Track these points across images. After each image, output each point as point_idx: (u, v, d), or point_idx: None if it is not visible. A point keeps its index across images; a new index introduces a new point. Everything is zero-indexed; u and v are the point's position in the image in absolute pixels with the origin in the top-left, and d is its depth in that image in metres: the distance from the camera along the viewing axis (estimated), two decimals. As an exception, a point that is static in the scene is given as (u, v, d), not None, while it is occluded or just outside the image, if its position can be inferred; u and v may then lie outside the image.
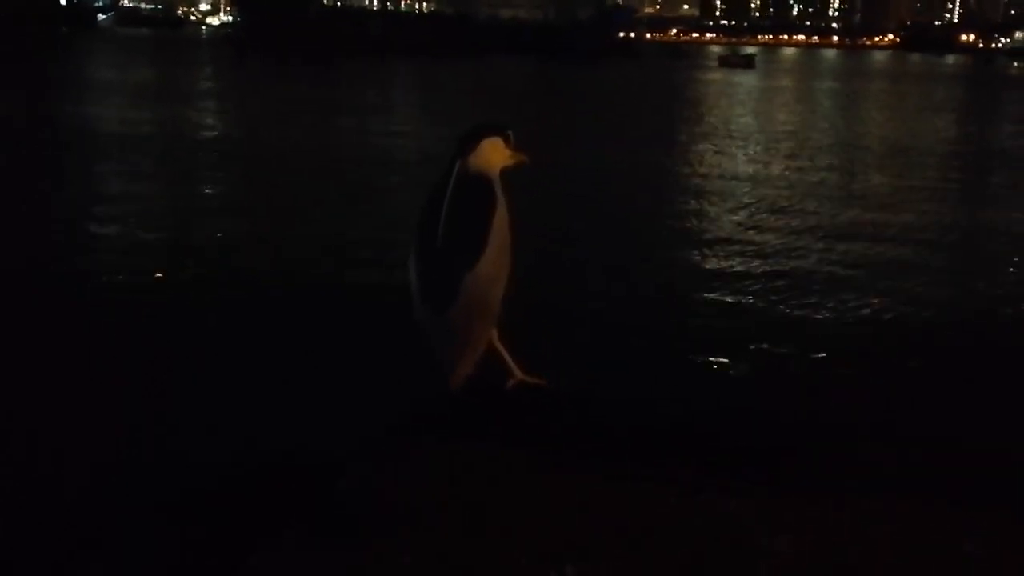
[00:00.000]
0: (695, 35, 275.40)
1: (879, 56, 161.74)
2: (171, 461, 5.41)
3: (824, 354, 8.37)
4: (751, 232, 13.39)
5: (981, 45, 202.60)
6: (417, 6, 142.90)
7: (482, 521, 2.00)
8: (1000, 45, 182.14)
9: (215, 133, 24.68)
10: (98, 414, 6.41)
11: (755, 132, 28.83)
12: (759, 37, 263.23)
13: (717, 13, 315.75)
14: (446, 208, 2.43)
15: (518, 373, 2.61)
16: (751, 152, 23.50)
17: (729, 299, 9.98)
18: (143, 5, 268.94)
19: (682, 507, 2.05)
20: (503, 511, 2.03)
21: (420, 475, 2.20)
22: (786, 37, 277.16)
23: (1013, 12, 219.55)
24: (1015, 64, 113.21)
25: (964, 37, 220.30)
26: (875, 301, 10.05)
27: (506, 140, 2.57)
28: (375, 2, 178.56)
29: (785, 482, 2.18)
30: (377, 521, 2.00)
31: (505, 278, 2.50)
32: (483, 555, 1.88)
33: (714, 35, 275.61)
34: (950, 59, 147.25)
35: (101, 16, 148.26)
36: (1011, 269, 11.84)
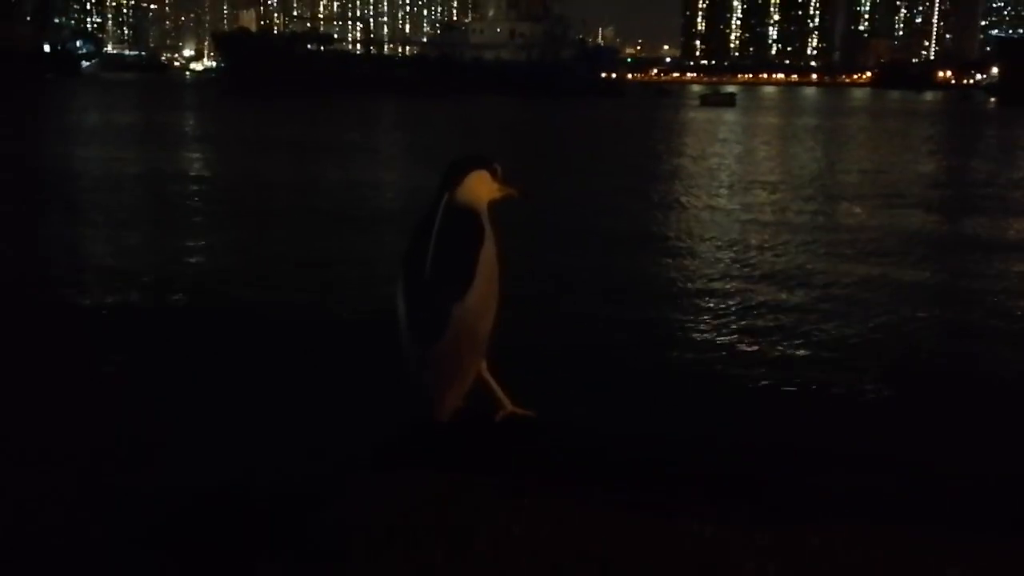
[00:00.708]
0: (676, 75, 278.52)
1: (858, 93, 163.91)
2: (155, 491, 5.37)
3: (802, 383, 8.39)
4: (736, 266, 13.46)
5: (954, 81, 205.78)
6: (401, 49, 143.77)
7: (469, 545, 1.98)
8: (976, 81, 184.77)
9: (200, 175, 24.69)
10: (81, 443, 6.38)
11: (739, 167, 29.06)
12: (739, 76, 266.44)
13: (697, 53, 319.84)
14: (434, 241, 2.41)
15: (508, 405, 2.59)
16: (735, 187, 23.66)
17: (712, 331, 10.00)
18: (127, 51, 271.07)
19: (664, 532, 2.03)
20: (489, 536, 2.01)
21: (405, 501, 2.17)
22: (766, 76, 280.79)
23: (988, 49, 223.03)
24: (991, 100, 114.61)
25: (941, 74, 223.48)
26: (854, 333, 10.09)
27: (493, 173, 2.56)
28: (359, 46, 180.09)
29: (764, 507, 2.16)
30: (362, 546, 1.98)
31: (493, 310, 2.48)
32: (471, 576, 1.89)
33: (695, 75, 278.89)
34: (928, 95, 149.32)
35: (85, 62, 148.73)
36: (994, 299, 11.92)
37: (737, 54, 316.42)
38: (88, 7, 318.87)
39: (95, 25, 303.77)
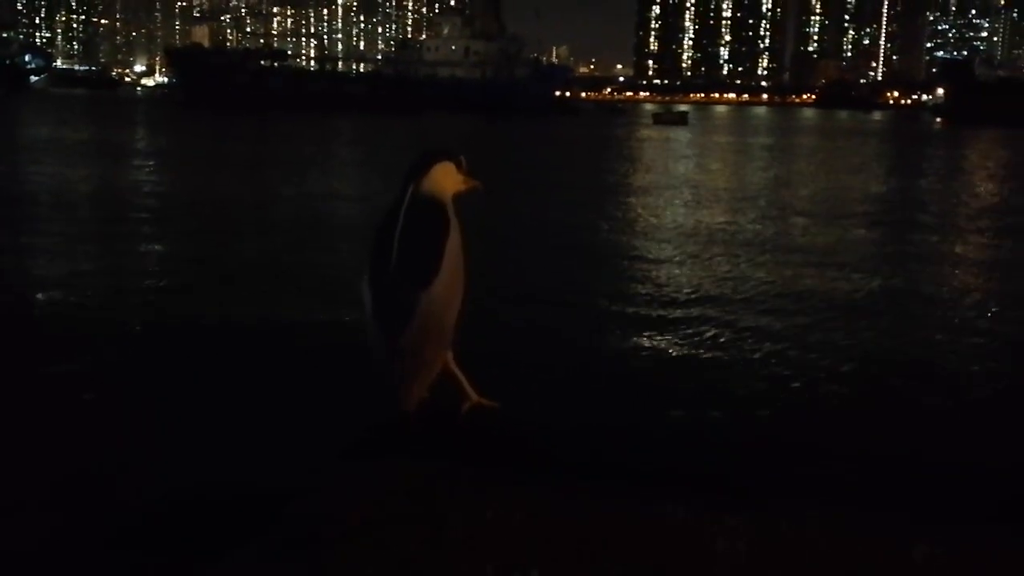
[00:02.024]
0: (629, 94, 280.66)
1: (808, 113, 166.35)
2: (128, 492, 5.34)
3: (766, 383, 8.55)
4: (694, 275, 13.60)
5: (894, 101, 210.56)
6: (355, 66, 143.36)
7: (442, 534, 1.98)
8: (923, 101, 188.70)
9: (155, 191, 24.41)
10: (58, 452, 6.33)
11: (693, 183, 29.33)
12: (691, 95, 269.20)
13: (650, 73, 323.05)
14: (399, 231, 2.42)
15: (473, 396, 2.60)
16: (688, 203, 23.90)
17: (672, 334, 10.11)
18: (77, 66, 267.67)
19: (637, 517, 2.06)
20: (463, 524, 2.03)
21: (378, 491, 2.18)
22: (717, 95, 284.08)
23: (934, 71, 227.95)
24: (938, 120, 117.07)
25: (889, 94, 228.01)
26: (813, 337, 10.29)
27: (458, 165, 2.59)
28: (313, 62, 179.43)
29: (734, 493, 2.20)
30: (337, 535, 1.98)
31: (459, 301, 2.50)
32: (447, 565, 1.88)
33: (648, 94, 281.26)
34: (877, 115, 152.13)
35: (34, 77, 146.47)
36: (940, 303, 12.19)
37: (689, 74, 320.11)
38: (37, 21, 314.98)
39: (44, 40, 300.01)
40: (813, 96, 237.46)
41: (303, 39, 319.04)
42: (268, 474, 4.97)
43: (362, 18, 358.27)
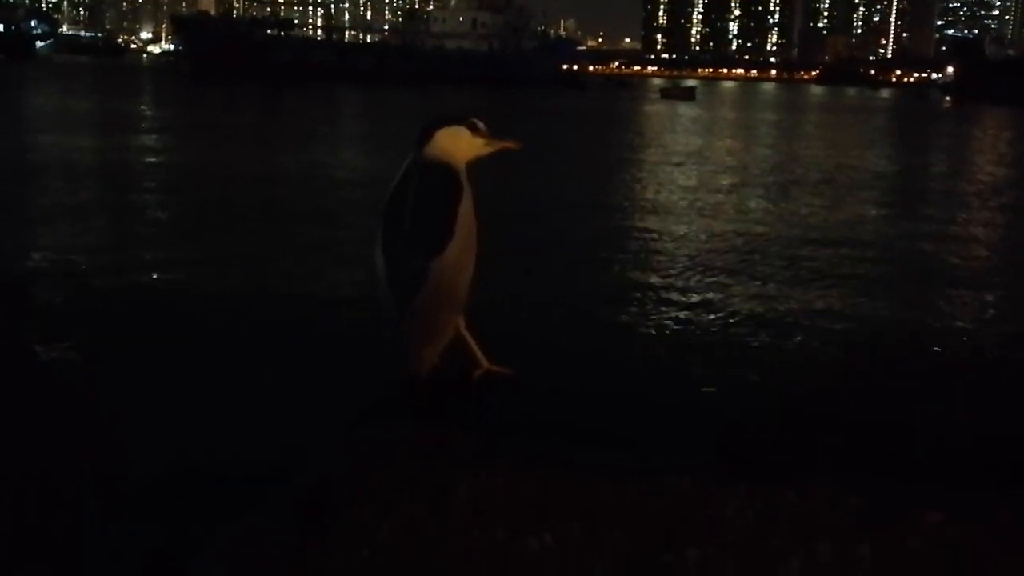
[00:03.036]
0: (636, 68, 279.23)
1: (816, 90, 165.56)
2: (131, 463, 5.35)
3: (769, 353, 8.62)
4: (702, 247, 13.59)
5: (898, 78, 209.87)
6: (362, 36, 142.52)
7: (451, 500, 1.98)
8: (934, 78, 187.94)
9: (160, 163, 24.38)
10: (55, 418, 6.34)
11: (699, 158, 29.26)
12: (699, 70, 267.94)
13: (658, 47, 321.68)
14: (411, 196, 2.41)
15: (484, 363, 2.60)
16: (697, 178, 23.84)
17: (681, 310, 10.12)
18: (83, 33, 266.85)
19: (644, 485, 2.06)
20: (472, 489, 2.03)
21: (387, 456, 2.18)
22: (725, 71, 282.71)
23: (944, 48, 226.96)
24: (946, 98, 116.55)
25: (898, 72, 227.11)
26: (818, 307, 10.35)
27: (472, 128, 2.57)
28: (320, 32, 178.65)
29: (742, 463, 2.19)
30: (345, 501, 1.98)
31: (472, 266, 2.49)
32: (456, 531, 1.89)
33: (655, 68, 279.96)
34: (884, 93, 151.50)
35: (40, 44, 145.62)
36: (948, 288, 12.18)
37: (697, 48, 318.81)
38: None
39: (50, 5, 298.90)
40: (816, 72, 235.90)
41: (310, 8, 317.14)
42: (277, 442, 4.98)
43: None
